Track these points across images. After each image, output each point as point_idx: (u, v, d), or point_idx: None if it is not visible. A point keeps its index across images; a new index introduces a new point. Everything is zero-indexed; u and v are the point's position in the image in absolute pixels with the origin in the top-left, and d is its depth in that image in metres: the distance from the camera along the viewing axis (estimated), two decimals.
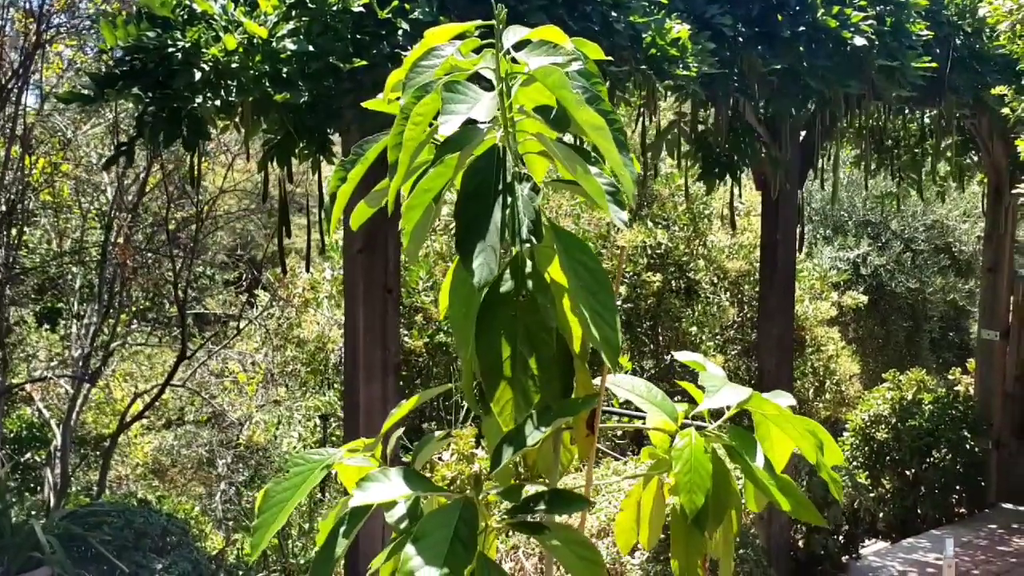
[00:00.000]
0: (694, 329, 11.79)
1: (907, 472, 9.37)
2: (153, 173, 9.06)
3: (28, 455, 9.87)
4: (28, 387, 8.98)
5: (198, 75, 3.54)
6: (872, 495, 9.12)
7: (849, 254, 15.27)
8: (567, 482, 5.10)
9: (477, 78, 1.98)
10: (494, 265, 1.88)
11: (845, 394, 13.56)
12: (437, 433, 2.44)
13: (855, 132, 8.25)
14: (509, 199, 1.94)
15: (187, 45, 3.53)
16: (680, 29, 4.44)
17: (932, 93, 6.62)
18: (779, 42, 5.14)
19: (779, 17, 5.13)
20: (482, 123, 1.95)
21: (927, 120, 8.59)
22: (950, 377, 10.68)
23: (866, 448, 9.53)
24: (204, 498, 12.12)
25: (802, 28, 5.12)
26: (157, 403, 10.74)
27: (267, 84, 3.61)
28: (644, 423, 2.48)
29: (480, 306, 2.03)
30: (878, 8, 5.37)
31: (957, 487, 9.37)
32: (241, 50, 3.59)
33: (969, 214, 15.90)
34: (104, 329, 8.78)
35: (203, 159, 8.78)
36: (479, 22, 2.07)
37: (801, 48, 5.15)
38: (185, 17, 3.65)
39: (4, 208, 7.71)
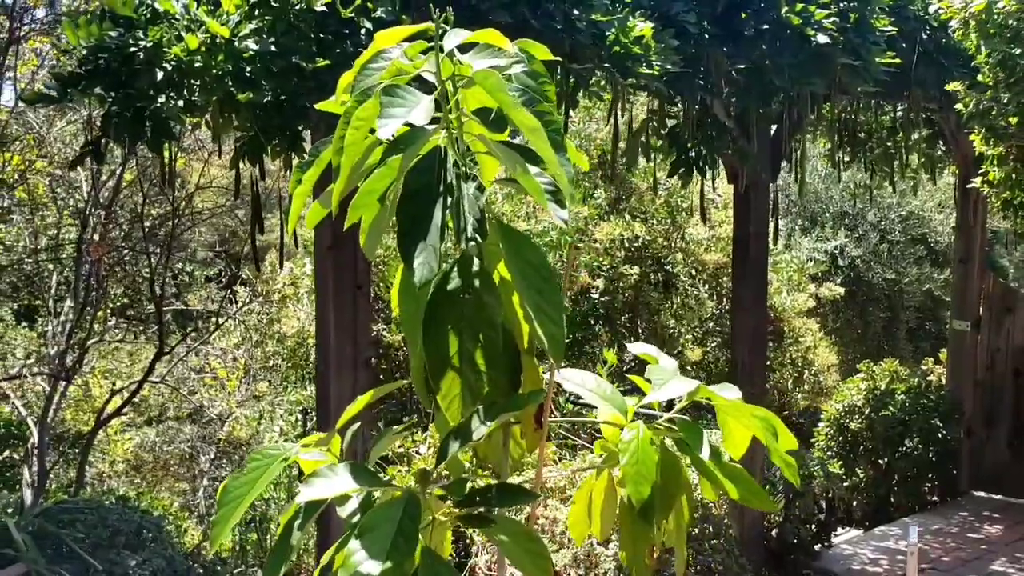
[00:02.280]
0: (672, 322, 11.86)
1: (880, 461, 9.49)
2: (129, 169, 9.06)
3: (6, 453, 9.87)
4: (4, 385, 8.96)
5: (160, 75, 3.57)
6: (846, 484, 9.24)
7: (826, 245, 15.39)
8: (529, 478, 5.16)
9: (423, 81, 2.03)
10: (434, 264, 1.93)
11: (823, 384, 13.68)
12: (395, 427, 2.49)
13: (827, 125, 8.32)
14: (450, 200, 1.99)
15: (149, 45, 3.56)
16: (643, 27, 4.48)
17: (899, 87, 6.69)
18: (743, 39, 5.19)
19: (743, 15, 5.18)
20: (428, 125, 2.00)
21: (898, 113, 8.68)
22: (923, 367, 10.81)
23: (840, 438, 9.65)
24: (187, 494, 12.16)
25: (766, 25, 5.18)
26: (138, 400, 10.75)
27: (230, 83, 3.64)
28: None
29: (427, 304, 2.08)
30: (841, 4, 5.43)
31: (929, 475, 9.49)
32: (203, 50, 3.62)
33: (944, 205, 16.07)
34: (81, 326, 8.78)
35: (179, 156, 8.79)
36: (429, 24, 2.11)
37: (765, 46, 5.20)
38: (148, 16, 3.67)
39: None
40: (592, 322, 11.81)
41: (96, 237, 8.30)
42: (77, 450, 10.17)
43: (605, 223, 11.19)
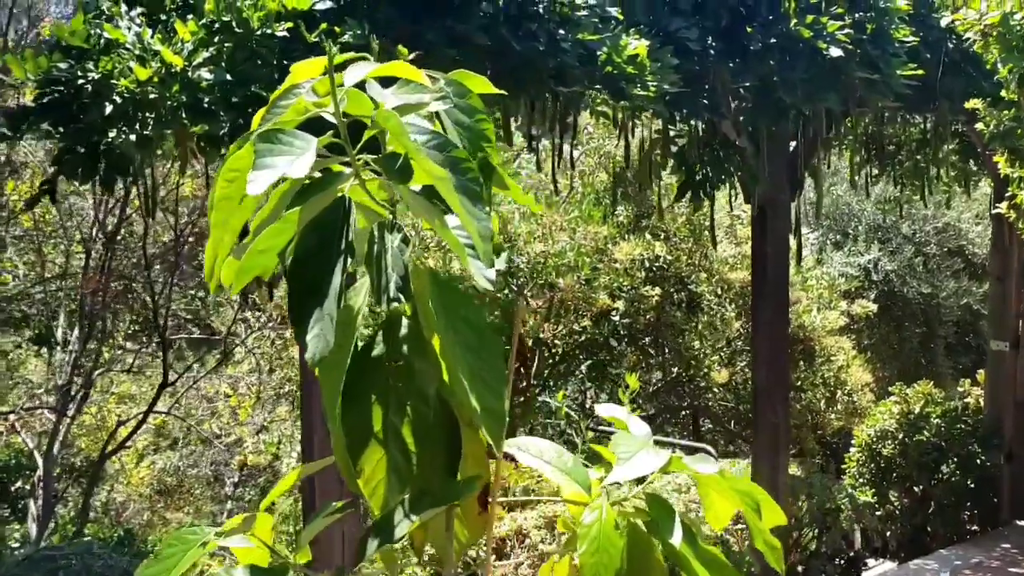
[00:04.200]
0: (697, 343, 11.51)
1: (915, 488, 9.07)
2: (137, 196, 8.92)
3: (18, 483, 9.77)
4: (11, 417, 8.84)
5: (110, 108, 3.34)
6: (879, 513, 8.85)
7: (859, 259, 14.94)
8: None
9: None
10: (331, 336, 1.65)
11: (857, 404, 13.25)
12: (334, 503, 2.21)
13: (853, 139, 7.97)
14: (350, 260, 1.72)
15: (98, 76, 3.33)
16: (637, 45, 4.18)
17: (925, 100, 6.33)
18: (750, 55, 4.88)
19: (749, 29, 4.86)
20: (348, 169, 1.75)
21: (927, 126, 8.29)
22: (959, 389, 10.36)
23: (872, 464, 9.24)
24: (215, 515, 12.03)
25: (774, 40, 4.85)
26: (159, 424, 10.61)
27: (183, 115, 3.40)
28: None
29: (347, 373, 1.80)
30: (856, 15, 5.09)
31: (968, 504, 9.04)
32: (156, 80, 3.39)
33: (982, 216, 15.54)
34: (88, 355, 8.65)
35: (185, 180, 8.63)
36: (351, 55, 1.84)
37: (773, 61, 4.88)
38: (101, 46, 3.45)
39: None
40: (615, 344, 11.49)
41: (99, 266, 8.15)
42: (84, 482, 10.03)
43: (625, 243, 10.87)
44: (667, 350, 12.22)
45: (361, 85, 1.79)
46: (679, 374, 12.46)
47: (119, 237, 8.82)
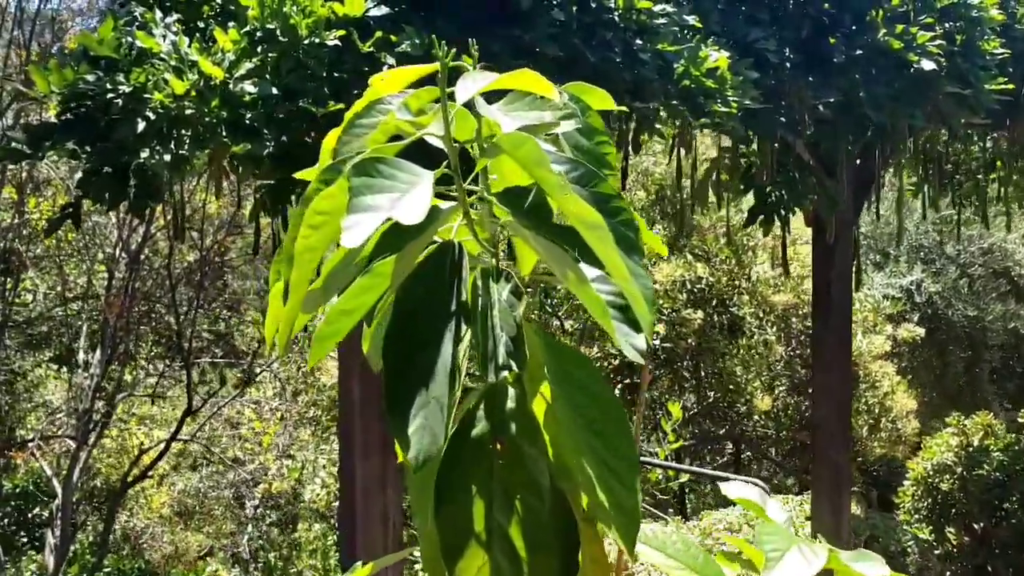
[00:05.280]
0: (739, 369, 11.08)
1: (976, 526, 8.59)
2: (162, 215, 8.62)
3: (36, 510, 9.46)
4: (29, 445, 8.53)
5: (142, 125, 3.00)
6: (937, 552, 8.37)
7: (902, 281, 14.47)
8: None
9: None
10: (439, 429, 1.27)
11: (902, 432, 12.79)
12: None
13: (912, 157, 7.56)
14: (464, 325, 1.33)
15: (129, 90, 2.99)
16: (717, 57, 3.80)
17: (1004, 115, 5.92)
18: (832, 68, 4.50)
19: (832, 40, 4.48)
20: (444, 203, 1.36)
21: (988, 144, 7.86)
22: (1020, 420, 9.87)
23: (929, 500, 8.77)
24: (235, 535, 11.72)
25: (859, 51, 4.47)
26: (181, 446, 10.30)
27: (223, 133, 3.06)
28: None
29: (443, 459, 1.40)
30: (947, 25, 4.70)
31: None
32: (194, 94, 3.04)
33: None
34: (109, 379, 8.34)
35: (211, 199, 8.30)
36: (451, 62, 1.45)
37: (858, 75, 4.50)
38: (133, 57, 3.11)
39: None
40: (650, 367, 11.10)
41: (114, 291, 7.84)
42: (105, 509, 9.70)
43: (665, 263, 10.48)
44: (704, 374, 11.82)
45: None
46: (716, 399, 12.04)
47: (142, 257, 8.51)
